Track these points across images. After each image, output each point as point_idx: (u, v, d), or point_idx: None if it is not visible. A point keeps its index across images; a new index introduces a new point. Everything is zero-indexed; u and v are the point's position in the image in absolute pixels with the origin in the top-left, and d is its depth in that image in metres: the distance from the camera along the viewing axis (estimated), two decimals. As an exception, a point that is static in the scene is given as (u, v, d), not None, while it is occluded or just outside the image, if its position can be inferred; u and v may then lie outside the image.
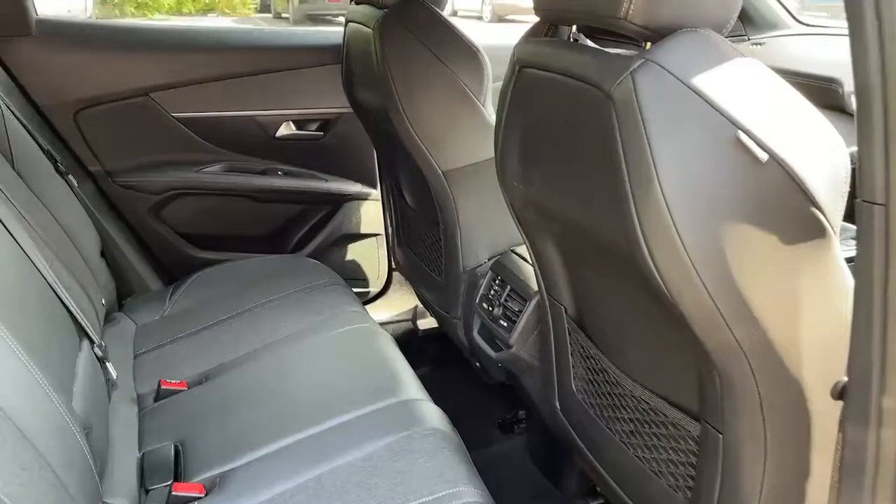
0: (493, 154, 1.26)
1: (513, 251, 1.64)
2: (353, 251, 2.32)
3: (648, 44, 0.89)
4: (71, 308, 1.32)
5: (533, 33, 1.14)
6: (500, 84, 1.20)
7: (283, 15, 13.03)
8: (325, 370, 1.48)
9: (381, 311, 2.33)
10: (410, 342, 2.31)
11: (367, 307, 2.32)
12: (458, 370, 1.95)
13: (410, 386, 1.37)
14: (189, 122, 2.10)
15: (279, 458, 1.21)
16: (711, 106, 0.82)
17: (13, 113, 1.69)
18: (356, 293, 2.30)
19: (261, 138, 2.16)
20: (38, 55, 1.95)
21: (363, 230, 2.29)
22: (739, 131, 0.81)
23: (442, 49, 1.59)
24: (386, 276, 2.34)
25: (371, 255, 2.32)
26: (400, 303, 2.34)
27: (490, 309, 1.59)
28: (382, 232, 2.29)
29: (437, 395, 1.36)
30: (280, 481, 1.14)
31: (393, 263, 2.29)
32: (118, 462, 1.26)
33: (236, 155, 2.17)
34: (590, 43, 1.04)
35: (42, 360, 1.05)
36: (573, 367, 1.31)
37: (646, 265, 0.87)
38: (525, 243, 1.31)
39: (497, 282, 1.60)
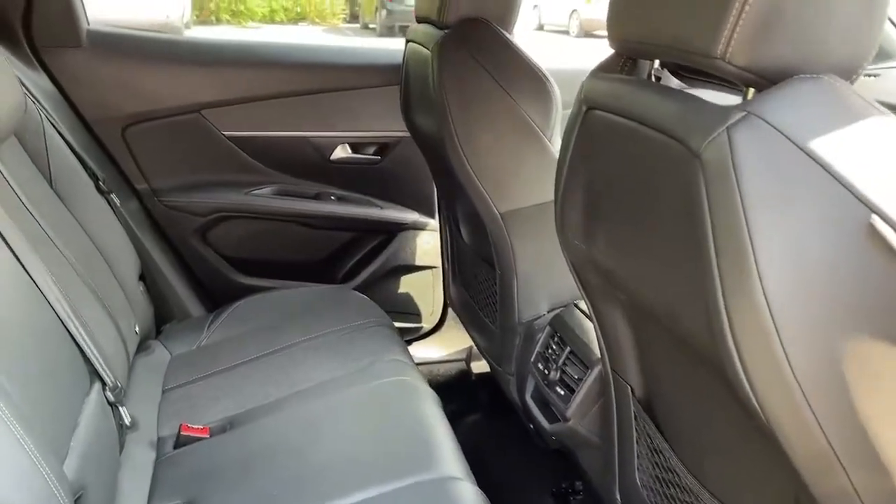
0: None
1: (576, 306, 1.45)
2: (407, 283, 2.17)
3: (752, 91, 0.69)
4: (83, 347, 1.22)
5: (605, 68, 0.95)
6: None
7: (371, 25, 13.15)
8: (355, 431, 1.34)
9: (433, 349, 2.18)
10: (463, 385, 2.15)
11: (419, 344, 2.18)
12: (511, 423, 1.78)
13: (449, 460, 1.22)
14: (240, 142, 2.00)
15: (293, 538, 1.08)
16: (835, 178, 0.62)
17: (55, 128, 1.62)
18: (408, 328, 2.16)
19: (314, 161, 2.03)
20: (87, 67, 1.87)
21: (418, 262, 2.14)
22: (874, 215, 0.60)
23: (505, 75, 1.41)
24: (441, 313, 2.18)
25: (426, 289, 2.17)
26: (454, 341, 2.18)
27: (546, 371, 1.40)
28: (439, 265, 2.13)
29: (486, 450, 1.22)
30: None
31: (448, 299, 2.13)
32: (121, 522, 1.17)
33: (288, 177, 2.05)
34: (675, 82, 0.85)
35: (31, 417, 0.95)
36: (638, 456, 1.11)
37: (736, 377, 0.67)
38: (587, 306, 1.12)
39: (556, 340, 1.41)
